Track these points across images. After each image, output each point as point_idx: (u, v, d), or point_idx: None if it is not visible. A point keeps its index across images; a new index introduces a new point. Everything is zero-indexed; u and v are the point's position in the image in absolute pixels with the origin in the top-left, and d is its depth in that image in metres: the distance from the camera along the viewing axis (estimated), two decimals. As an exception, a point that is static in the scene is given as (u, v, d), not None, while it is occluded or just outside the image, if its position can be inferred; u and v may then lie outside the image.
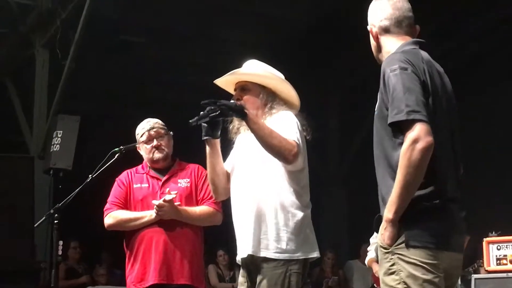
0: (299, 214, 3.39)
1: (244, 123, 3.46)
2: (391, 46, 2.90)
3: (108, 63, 9.91)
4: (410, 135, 2.60)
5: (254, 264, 3.39)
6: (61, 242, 4.66)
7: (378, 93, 2.80)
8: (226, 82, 3.65)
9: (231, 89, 3.66)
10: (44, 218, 4.59)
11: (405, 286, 2.66)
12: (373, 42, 3.00)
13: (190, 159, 4.48)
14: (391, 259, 2.70)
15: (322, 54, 10.08)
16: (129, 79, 10.44)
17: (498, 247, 5.55)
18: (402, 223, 2.67)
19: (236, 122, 3.59)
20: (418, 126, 2.60)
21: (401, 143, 2.66)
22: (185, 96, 9.95)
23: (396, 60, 2.74)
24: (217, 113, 3.32)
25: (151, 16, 9.15)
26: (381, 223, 2.75)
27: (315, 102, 10.31)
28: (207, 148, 3.53)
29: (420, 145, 2.59)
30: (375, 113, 2.84)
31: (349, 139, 11.41)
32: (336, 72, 10.91)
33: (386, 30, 2.94)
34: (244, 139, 3.59)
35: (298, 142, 3.34)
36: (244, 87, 3.57)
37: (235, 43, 9.18)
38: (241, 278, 3.52)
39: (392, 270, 2.69)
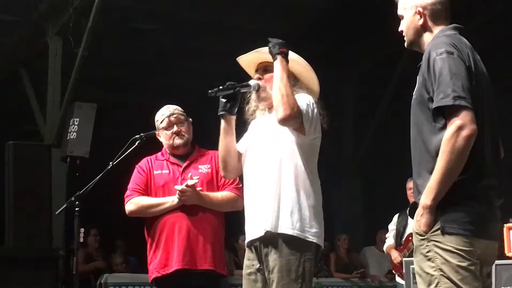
0: (318, 196, 3.39)
1: (260, 106, 3.46)
2: (437, 30, 2.86)
3: (121, 51, 9.89)
4: (456, 122, 2.59)
5: (268, 246, 3.32)
6: (82, 230, 4.64)
7: (418, 76, 2.77)
8: (249, 61, 3.58)
9: (252, 70, 3.61)
10: (65, 205, 4.57)
11: (441, 273, 2.64)
12: (415, 25, 2.91)
13: (202, 147, 4.45)
14: (427, 245, 2.68)
15: (338, 40, 10.03)
16: (142, 66, 10.41)
17: (519, 233, 5.51)
18: (438, 209, 2.65)
19: (252, 104, 3.56)
20: (464, 112, 2.59)
21: (442, 128, 2.64)
22: (198, 83, 9.91)
23: (442, 43, 2.71)
24: (236, 89, 3.35)
25: (163, 3, 9.10)
26: (416, 209, 2.72)
27: (331, 89, 10.26)
28: (223, 123, 3.49)
29: (465, 133, 2.58)
30: (413, 97, 2.81)
31: (364, 126, 11.36)
32: (351, 59, 10.85)
33: (437, 14, 2.88)
34: (259, 124, 3.56)
35: (301, 111, 3.29)
36: (267, 68, 3.51)
37: (249, 30, 9.12)
38: (247, 262, 3.45)
39: (428, 257, 2.68)
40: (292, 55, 3.50)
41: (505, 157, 2.88)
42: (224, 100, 3.38)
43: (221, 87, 3.34)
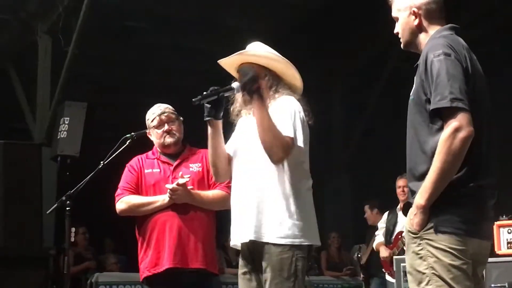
0: (303, 199, 3.37)
1: (245, 106, 3.45)
2: (433, 30, 2.87)
3: (112, 49, 9.86)
4: (453, 124, 2.60)
5: (256, 250, 3.36)
6: (73, 229, 4.63)
7: (415, 77, 2.77)
8: (230, 63, 3.58)
9: (233, 70, 3.61)
10: (56, 204, 4.56)
11: (433, 271, 2.65)
12: (410, 25, 2.91)
13: (192, 145, 4.45)
14: (420, 244, 2.69)
15: (326, 38, 10.05)
16: (132, 65, 10.39)
17: (509, 231, 5.53)
18: (431, 208, 2.66)
19: (237, 104, 3.55)
20: (461, 114, 2.60)
21: (439, 130, 2.66)
22: (188, 82, 9.91)
23: (439, 45, 2.71)
24: (220, 94, 3.32)
25: (154, 2, 9.09)
26: (409, 208, 2.74)
27: (319, 87, 10.29)
28: (209, 129, 3.49)
29: (461, 134, 2.59)
30: (411, 97, 2.81)
31: (352, 124, 11.39)
32: (340, 57, 10.88)
33: (432, 14, 2.89)
34: (245, 123, 3.56)
35: (293, 137, 3.29)
36: None
37: (238, 28, 9.12)
38: (242, 261, 3.48)
39: (420, 255, 2.69)
40: (269, 54, 3.51)
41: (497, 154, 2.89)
42: (208, 106, 3.37)
43: (204, 94, 3.32)
